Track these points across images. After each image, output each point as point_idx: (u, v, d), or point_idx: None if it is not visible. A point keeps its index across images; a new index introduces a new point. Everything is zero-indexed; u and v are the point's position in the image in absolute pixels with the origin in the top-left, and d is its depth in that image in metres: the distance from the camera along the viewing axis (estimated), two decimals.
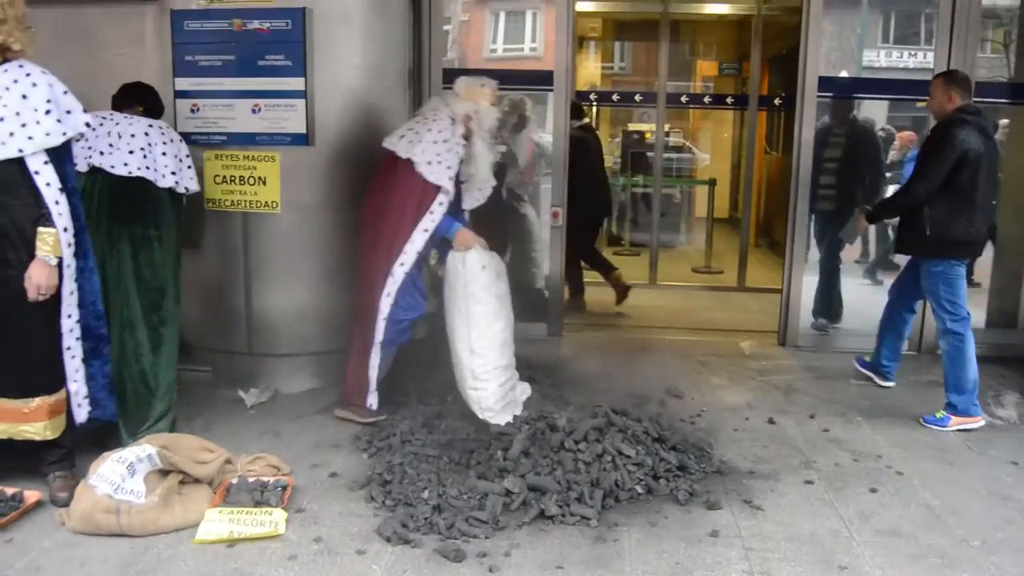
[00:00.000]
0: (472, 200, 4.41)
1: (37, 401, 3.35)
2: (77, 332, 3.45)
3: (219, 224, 4.68)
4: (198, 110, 4.71)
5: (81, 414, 3.53)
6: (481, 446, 3.70)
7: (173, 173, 4.00)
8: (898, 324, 4.93)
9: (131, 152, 3.90)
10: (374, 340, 4.21)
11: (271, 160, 4.62)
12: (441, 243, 4.23)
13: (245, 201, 4.65)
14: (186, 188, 4.10)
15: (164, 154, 3.99)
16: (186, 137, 4.62)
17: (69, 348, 3.43)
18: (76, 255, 3.37)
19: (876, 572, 2.97)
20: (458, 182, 4.26)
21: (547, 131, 5.93)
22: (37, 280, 3.22)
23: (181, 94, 4.72)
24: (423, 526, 3.16)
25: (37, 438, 3.38)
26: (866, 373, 5.06)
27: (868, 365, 5.08)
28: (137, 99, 4.19)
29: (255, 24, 4.61)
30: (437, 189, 4.11)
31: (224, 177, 4.65)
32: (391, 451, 3.77)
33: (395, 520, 3.17)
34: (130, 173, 3.87)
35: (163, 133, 4.06)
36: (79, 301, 3.43)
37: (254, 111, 4.65)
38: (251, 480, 3.42)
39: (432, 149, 4.13)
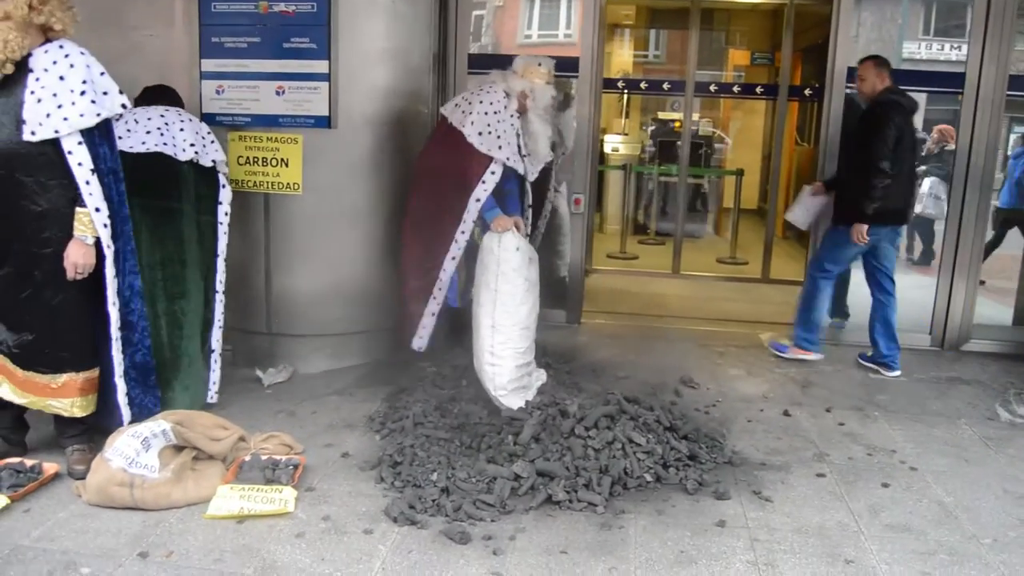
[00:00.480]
0: (530, 175, 4.55)
1: (65, 378, 3.42)
2: (119, 322, 3.49)
3: (241, 205, 4.72)
4: (223, 91, 4.76)
5: (126, 414, 3.58)
6: (492, 430, 3.71)
7: (192, 145, 4.03)
8: (883, 311, 5.14)
9: (148, 132, 3.96)
10: (436, 294, 4.45)
11: (294, 142, 4.66)
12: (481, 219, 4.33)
13: (268, 182, 4.69)
14: (213, 161, 4.14)
15: (182, 130, 4.03)
16: (211, 118, 4.69)
17: (117, 340, 3.49)
18: (113, 237, 3.40)
19: (882, 567, 2.95)
20: (521, 156, 4.39)
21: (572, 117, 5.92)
22: (74, 259, 3.29)
23: (207, 75, 4.77)
24: (430, 508, 3.19)
25: (64, 414, 3.46)
26: (871, 367, 5.13)
27: (870, 359, 5.18)
28: (158, 102, 4.22)
29: (281, 6, 4.65)
30: (490, 160, 4.23)
31: (247, 158, 4.70)
32: (403, 433, 3.80)
33: (403, 501, 3.20)
34: (148, 149, 3.92)
35: (179, 114, 4.11)
36: (116, 287, 3.47)
37: (278, 93, 4.69)
38: (264, 458, 3.47)
39: (483, 120, 4.27)
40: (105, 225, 3.33)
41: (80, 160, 3.25)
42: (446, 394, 4.22)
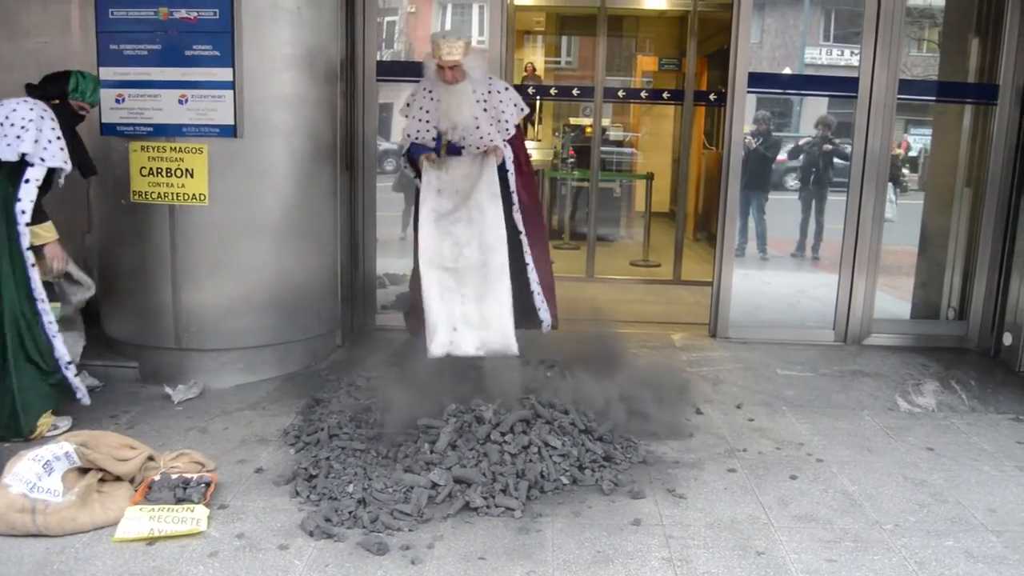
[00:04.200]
0: (472, 150, 4.55)
1: None
2: None
3: (145, 217, 4.60)
4: (123, 100, 4.61)
5: None
6: (409, 439, 3.69)
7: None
8: None
9: None
10: None
11: (199, 152, 4.55)
12: None
13: (172, 193, 4.57)
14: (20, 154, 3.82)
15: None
16: (111, 128, 4.57)
17: None
18: None
19: (792, 556, 3.04)
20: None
21: None
22: None
23: (106, 84, 4.61)
24: (347, 520, 3.16)
25: None
26: None
27: None
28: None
29: (182, 13, 4.54)
30: None
31: (150, 169, 4.56)
32: (318, 445, 3.75)
33: (319, 514, 3.16)
34: None
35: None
36: None
37: (181, 102, 4.57)
38: (174, 477, 3.38)
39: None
40: None
41: None
42: (361, 404, 4.18)
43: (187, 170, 4.55)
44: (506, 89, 4.65)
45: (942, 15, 6.22)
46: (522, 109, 4.67)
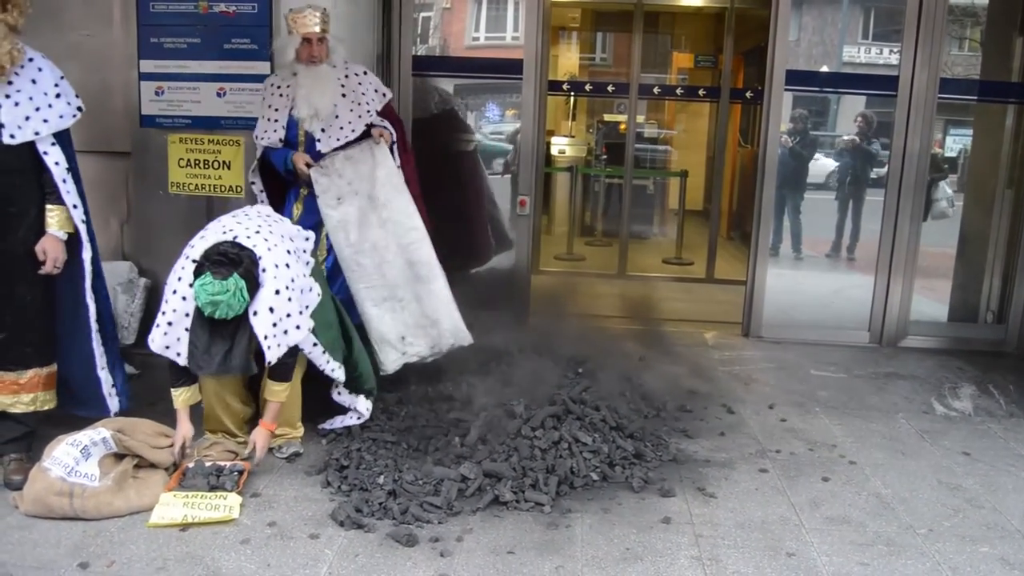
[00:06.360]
0: (331, 141, 4.18)
1: (30, 373, 3.44)
2: (95, 315, 3.57)
3: (183, 208, 4.66)
4: (163, 92, 4.70)
5: (113, 404, 3.67)
6: (439, 432, 3.71)
7: None
8: None
9: None
10: None
11: (236, 144, 4.61)
12: None
13: (209, 185, 4.64)
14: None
15: None
16: (151, 120, 4.63)
17: (97, 333, 3.57)
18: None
19: (822, 559, 3.02)
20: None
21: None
22: (54, 254, 3.34)
23: (146, 76, 4.70)
24: (377, 511, 3.19)
25: (31, 409, 3.46)
26: None
27: None
28: None
29: (221, 7, 4.62)
30: None
31: (188, 160, 4.64)
32: (350, 437, 3.79)
33: (349, 505, 3.19)
34: None
35: None
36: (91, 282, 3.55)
37: (219, 94, 4.64)
38: (207, 464, 3.42)
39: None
40: (83, 220, 3.42)
41: (56, 160, 3.34)
42: (392, 397, 4.21)
43: (224, 162, 4.62)
44: (365, 73, 4.32)
45: (985, 13, 6.11)
46: (384, 94, 4.34)
